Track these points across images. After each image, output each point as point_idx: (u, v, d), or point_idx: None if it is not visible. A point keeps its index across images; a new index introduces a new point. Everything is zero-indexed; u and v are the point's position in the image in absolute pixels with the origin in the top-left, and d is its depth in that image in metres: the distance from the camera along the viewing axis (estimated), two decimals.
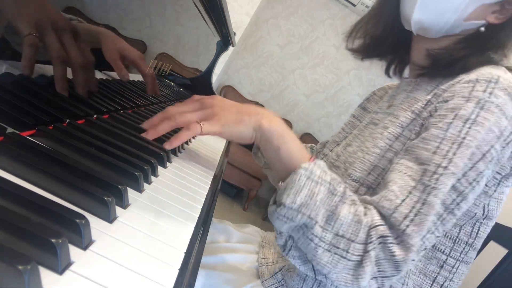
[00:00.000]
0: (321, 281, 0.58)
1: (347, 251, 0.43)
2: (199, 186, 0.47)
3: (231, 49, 1.35)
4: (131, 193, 0.34)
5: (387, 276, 0.43)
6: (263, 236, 0.79)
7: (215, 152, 0.70)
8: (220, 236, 0.76)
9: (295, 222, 0.44)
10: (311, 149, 0.92)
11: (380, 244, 0.43)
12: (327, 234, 0.43)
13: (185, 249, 0.30)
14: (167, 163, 0.47)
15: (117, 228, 0.28)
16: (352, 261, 0.43)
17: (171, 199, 0.38)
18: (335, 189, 0.45)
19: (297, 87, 3.47)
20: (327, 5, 3.29)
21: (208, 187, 0.48)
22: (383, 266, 0.43)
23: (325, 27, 3.34)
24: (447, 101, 0.51)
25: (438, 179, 0.44)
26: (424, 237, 0.44)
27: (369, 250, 0.42)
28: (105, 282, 0.22)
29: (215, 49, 1.26)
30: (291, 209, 0.43)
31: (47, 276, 0.20)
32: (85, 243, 0.24)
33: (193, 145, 0.65)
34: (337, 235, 0.43)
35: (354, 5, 3.03)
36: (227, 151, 0.78)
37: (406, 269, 0.43)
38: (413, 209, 0.44)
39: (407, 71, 0.76)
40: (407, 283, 0.56)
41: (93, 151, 0.36)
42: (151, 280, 0.24)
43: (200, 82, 1.27)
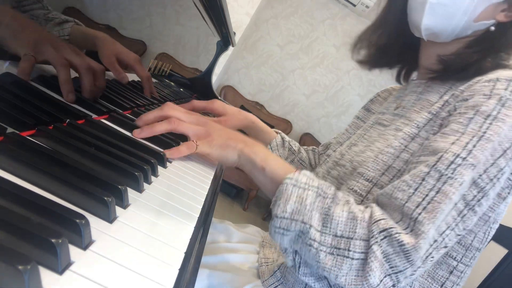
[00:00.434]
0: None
1: (349, 250, 0.42)
2: (199, 186, 0.47)
3: (231, 49, 1.35)
4: (131, 193, 0.34)
5: (400, 270, 0.41)
6: (264, 236, 0.79)
7: None
8: (220, 236, 0.76)
9: (292, 231, 0.44)
10: (313, 151, 0.92)
11: (385, 238, 0.42)
12: (326, 237, 0.43)
13: (185, 249, 0.30)
14: (167, 163, 0.47)
15: (117, 228, 0.28)
16: (356, 259, 0.42)
17: (171, 199, 0.38)
18: (325, 192, 0.45)
19: (297, 87, 3.47)
20: (327, 5, 3.29)
21: (208, 187, 0.48)
22: (393, 260, 0.41)
23: (325, 27, 3.34)
24: (467, 100, 0.51)
25: (455, 169, 0.43)
26: (441, 230, 0.42)
27: (371, 245, 0.41)
28: (105, 282, 0.22)
29: (215, 49, 1.26)
30: (284, 218, 0.43)
31: (47, 276, 0.20)
32: (85, 243, 0.24)
33: None
34: (336, 236, 0.43)
35: (354, 5, 3.03)
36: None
37: (419, 259, 0.41)
38: (426, 197, 0.43)
39: (414, 76, 0.76)
40: (414, 285, 0.55)
41: (93, 151, 0.36)
42: (151, 280, 0.24)
43: (200, 82, 1.27)
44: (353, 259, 0.42)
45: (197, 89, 1.27)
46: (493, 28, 0.56)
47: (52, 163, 0.31)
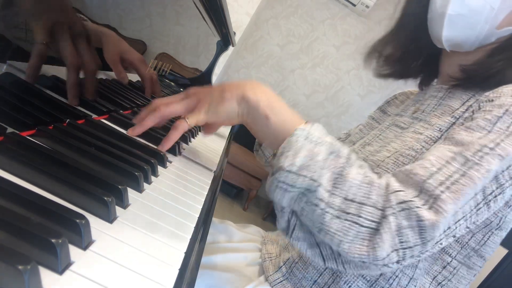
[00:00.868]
0: (337, 275, 0.56)
1: (359, 216, 0.39)
2: (199, 186, 0.46)
3: (231, 49, 1.35)
4: (131, 193, 0.34)
5: (410, 246, 0.39)
6: (265, 235, 0.79)
7: (215, 152, 0.70)
8: (221, 236, 0.76)
9: (296, 187, 0.40)
10: None
11: (402, 210, 0.38)
12: (335, 199, 0.39)
13: (185, 249, 0.30)
14: (167, 163, 0.47)
15: (117, 228, 0.28)
16: (365, 227, 0.39)
17: (171, 199, 0.38)
18: (339, 151, 0.42)
19: (297, 87, 3.47)
20: (327, 5, 3.29)
21: (208, 187, 0.48)
22: (406, 235, 0.38)
23: (325, 27, 3.34)
24: (492, 100, 0.50)
25: (482, 157, 0.41)
26: (456, 218, 0.41)
27: (387, 215, 0.38)
28: (105, 282, 0.22)
29: (215, 49, 1.26)
30: (291, 172, 0.39)
31: (47, 276, 0.20)
32: (85, 243, 0.24)
33: (193, 145, 0.65)
34: (346, 199, 0.39)
35: (354, 5, 3.02)
36: (227, 151, 0.78)
37: (432, 240, 0.38)
38: (450, 177, 0.40)
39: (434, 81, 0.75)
40: (416, 273, 0.54)
41: (93, 151, 0.36)
42: (151, 280, 0.24)
43: (200, 82, 1.27)
44: (362, 226, 0.39)
45: None
46: None
47: (52, 163, 0.31)
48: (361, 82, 3.42)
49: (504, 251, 1.83)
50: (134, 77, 0.89)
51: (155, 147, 0.49)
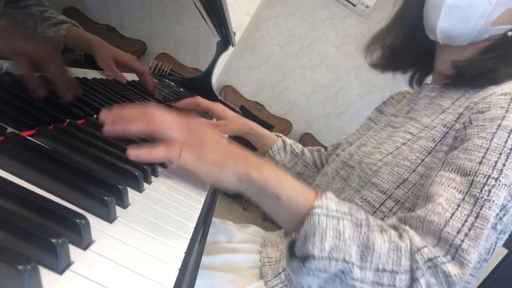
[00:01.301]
0: None
1: (394, 285, 0.38)
2: (199, 186, 0.46)
3: (231, 49, 1.35)
4: (131, 193, 0.34)
5: None
6: (265, 236, 0.79)
7: None
8: (221, 236, 0.76)
9: (329, 272, 0.38)
10: (318, 151, 0.92)
11: (429, 268, 0.38)
12: (367, 273, 0.38)
13: (185, 249, 0.30)
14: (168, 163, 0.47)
15: (117, 228, 0.28)
16: None
17: (171, 199, 0.38)
18: (357, 219, 0.40)
19: (297, 87, 3.47)
20: (327, 5, 3.29)
21: (208, 187, 0.48)
22: None
23: (325, 27, 3.34)
24: (483, 112, 0.50)
25: (490, 191, 0.42)
26: (478, 256, 0.40)
27: (418, 277, 0.38)
28: (105, 282, 0.22)
29: (215, 49, 1.26)
30: (322, 258, 0.37)
31: (47, 276, 0.20)
32: (85, 243, 0.24)
33: None
34: (378, 271, 0.38)
35: (354, 5, 3.02)
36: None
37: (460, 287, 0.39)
38: (465, 222, 0.40)
39: (428, 80, 0.75)
40: None
41: (93, 151, 0.36)
42: (151, 280, 0.24)
43: (200, 82, 1.27)
44: None
45: (197, 89, 1.27)
46: (510, 33, 0.56)
47: (52, 163, 0.31)
48: (361, 82, 3.42)
49: (504, 251, 1.83)
50: (134, 77, 0.89)
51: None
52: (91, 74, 0.70)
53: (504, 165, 0.43)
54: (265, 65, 3.44)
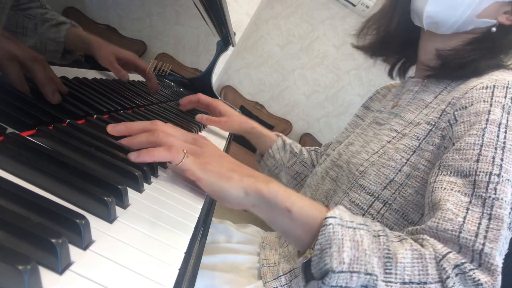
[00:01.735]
0: None
1: None
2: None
3: (231, 49, 1.35)
4: (131, 193, 0.34)
5: None
6: (264, 236, 0.79)
7: None
8: (220, 236, 0.76)
9: (351, 287, 0.35)
10: (315, 151, 0.92)
11: (457, 275, 0.36)
12: (392, 286, 0.35)
13: (185, 249, 0.30)
14: (167, 164, 0.47)
15: (117, 228, 0.28)
16: None
17: (171, 199, 0.38)
18: (374, 230, 0.38)
19: (297, 87, 3.47)
20: (327, 5, 3.29)
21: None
22: None
23: (325, 27, 3.34)
24: (466, 107, 0.50)
25: (496, 188, 0.40)
26: (501, 258, 0.38)
27: (450, 287, 0.35)
28: (105, 282, 0.22)
29: (215, 49, 1.26)
30: (343, 271, 0.34)
31: (47, 276, 0.20)
32: (85, 243, 0.24)
33: None
34: (405, 283, 0.35)
35: (354, 5, 3.03)
36: (228, 151, 0.78)
37: None
38: (480, 225, 0.38)
39: (411, 72, 0.75)
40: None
41: (93, 151, 0.36)
42: (151, 280, 0.24)
43: (200, 82, 1.27)
44: None
45: (197, 89, 1.27)
46: (494, 29, 0.56)
47: (52, 163, 0.31)
48: (361, 82, 3.42)
49: None
50: (134, 77, 0.89)
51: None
52: (91, 74, 0.70)
53: (502, 159, 0.43)
54: (265, 65, 3.44)
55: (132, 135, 0.43)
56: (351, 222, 0.37)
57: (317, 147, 0.94)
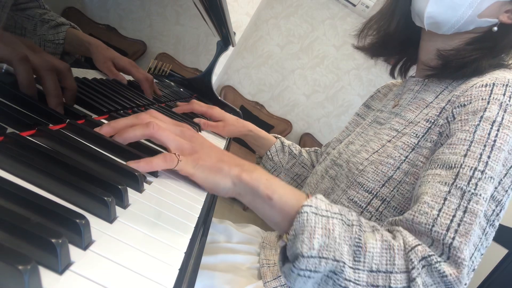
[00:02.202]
0: None
1: (389, 286, 0.37)
2: (199, 186, 0.46)
3: (231, 49, 1.35)
4: (131, 193, 0.34)
5: None
6: (264, 236, 0.79)
7: None
8: (220, 236, 0.76)
9: (320, 272, 0.36)
10: (315, 152, 0.92)
11: (424, 267, 0.37)
12: (360, 274, 0.37)
13: (185, 249, 0.30)
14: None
15: (117, 228, 0.28)
16: None
17: (171, 199, 0.38)
18: (348, 219, 0.40)
19: (297, 87, 3.47)
20: (327, 5, 3.29)
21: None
22: None
23: (325, 27, 3.34)
24: (464, 105, 0.50)
25: (477, 184, 0.41)
26: (471, 252, 0.39)
27: (414, 277, 0.37)
28: (105, 282, 0.22)
29: (215, 49, 1.26)
30: (311, 257, 0.36)
31: (47, 276, 0.20)
32: (85, 243, 0.24)
33: None
34: (372, 271, 0.37)
35: (354, 5, 3.03)
36: (227, 151, 0.78)
37: None
38: (454, 218, 0.39)
39: (412, 71, 0.75)
40: None
41: (93, 151, 0.36)
42: (151, 280, 0.24)
43: (200, 82, 1.27)
44: None
45: (197, 89, 1.27)
46: (495, 28, 0.56)
47: (52, 163, 0.31)
48: (361, 82, 3.42)
49: (504, 251, 1.84)
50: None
51: (155, 147, 0.49)
52: (91, 74, 0.70)
53: (489, 157, 0.43)
54: (265, 65, 3.44)
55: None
56: (326, 211, 0.39)
57: (317, 148, 0.94)
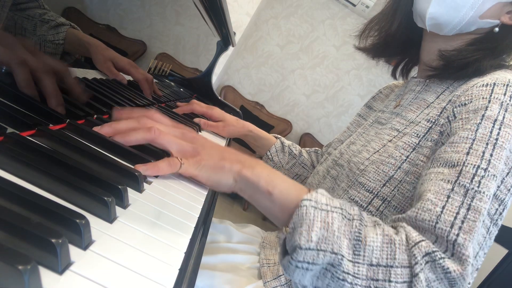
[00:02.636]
0: None
1: (389, 280, 0.36)
2: (199, 186, 0.46)
3: (231, 49, 1.35)
4: (131, 193, 0.34)
5: None
6: (264, 236, 0.79)
7: None
8: (220, 236, 0.76)
9: (318, 264, 0.37)
10: (315, 152, 0.92)
11: (427, 263, 0.37)
12: (360, 268, 0.37)
13: (185, 249, 0.30)
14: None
15: (117, 228, 0.28)
16: None
17: (171, 199, 0.38)
18: (349, 214, 0.40)
19: (297, 87, 3.47)
20: (327, 5, 3.29)
21: (208, 187, 0.48)
22: None
23: (325, 27, 3.34)
24: (465, 104, 0.50)
25: (480, 182, 0.41)
26: (475, 250, 0.39)
27: (417, 273, 0.36)
28: (105, 282, 0.22)
29: (215, 49, 1.26)
30: (309, 249, 0.36)
31: (47, 276, 0.20)
32: (85, 243, 0.24)
33: None
34: (372, 265, 0.37)
35: (354, 5, 3.02)
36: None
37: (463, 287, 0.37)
38: (457, 215, 0.39)
39: (413, 72, 0.76)
40: None
41: (93, 151, 0.36)
42: (151, 280, 0.24)
43: (200, 82, 1.27)
44: None
45: (197, 89, 1.27)
46: (497, 29, 0.56)
47: (52, 163, 0.31)
48: (361, 82, 3.42)
49: (504, 251, 1.83)
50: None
51: (156, 148, 0.49)
52: (91, 74, 0.70)
53: (491, 155, 0.43)
54: (265, 65, 3.44)
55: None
56: (326, 205, 0.39)
57: (317, 149, 0.94)
